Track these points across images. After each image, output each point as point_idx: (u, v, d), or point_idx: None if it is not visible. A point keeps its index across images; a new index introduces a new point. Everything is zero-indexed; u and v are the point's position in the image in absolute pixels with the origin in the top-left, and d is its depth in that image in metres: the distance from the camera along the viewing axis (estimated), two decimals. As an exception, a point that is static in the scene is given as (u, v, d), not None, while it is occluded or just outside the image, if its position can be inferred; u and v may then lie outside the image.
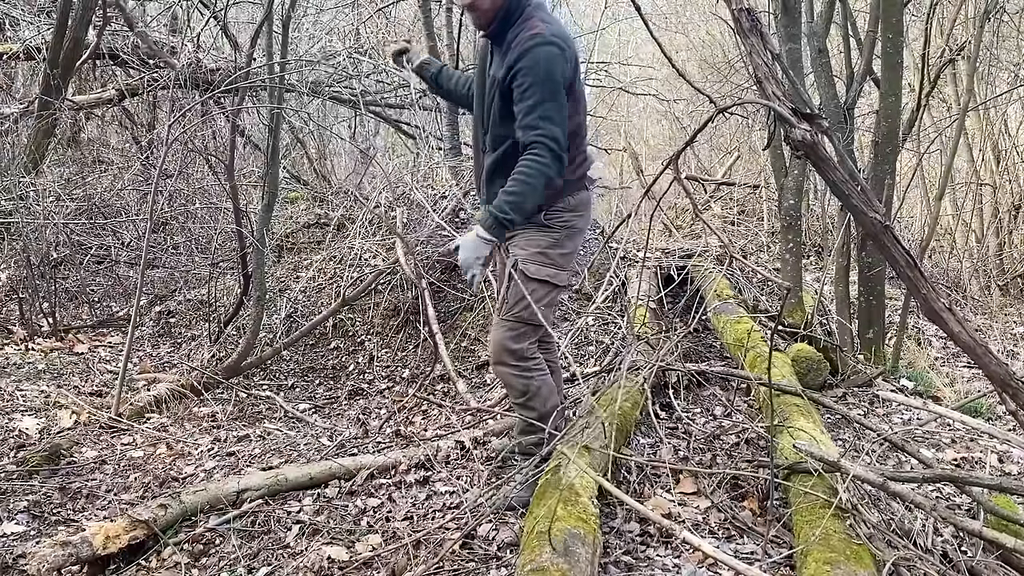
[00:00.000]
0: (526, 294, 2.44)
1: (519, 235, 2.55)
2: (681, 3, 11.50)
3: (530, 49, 2.32)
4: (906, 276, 1.94)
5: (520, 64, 2.32)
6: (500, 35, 2.43)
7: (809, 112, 1.84)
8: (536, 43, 2.32)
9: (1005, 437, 3.15)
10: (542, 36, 2.33)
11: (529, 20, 2.38)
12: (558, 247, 2.55)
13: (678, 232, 6.81)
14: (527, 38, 2.34)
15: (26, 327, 4.91)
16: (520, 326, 2.51)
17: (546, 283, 2.52)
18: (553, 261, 2.53)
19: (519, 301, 2.48)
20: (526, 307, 2.47)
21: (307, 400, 4.33)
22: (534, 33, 2.34)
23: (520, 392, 2.57)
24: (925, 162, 6.83)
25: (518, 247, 2.53)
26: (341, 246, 5.50)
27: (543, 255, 2.52)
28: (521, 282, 2.46)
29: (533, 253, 2.51)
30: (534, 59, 2.31)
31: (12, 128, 6.43)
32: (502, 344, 2.52)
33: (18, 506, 2.77)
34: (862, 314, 4.33)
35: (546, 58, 2.32)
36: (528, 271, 2.49)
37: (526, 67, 2.31)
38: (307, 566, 2.28)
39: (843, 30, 4.99)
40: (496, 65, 2.45)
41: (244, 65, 4.84)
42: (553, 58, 2.33)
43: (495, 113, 2.45)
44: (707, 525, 2.46)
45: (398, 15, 9.56)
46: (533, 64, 2.31)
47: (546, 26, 2.37)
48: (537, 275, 2.50)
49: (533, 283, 2.49)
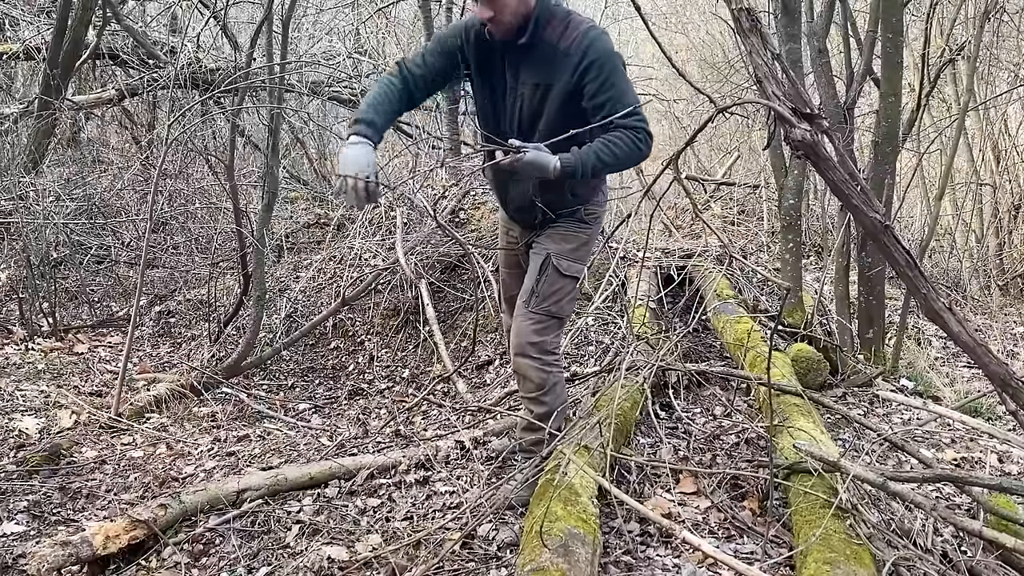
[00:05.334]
0: (557, 289, 2.48)
1: (554, 229, 2.55)
2: (681, 3, 11.49)
3: (593, 42, 2.31)
4: (906, 276, 1.94)
5: (589, 59, 2.30)
6: (535, 40, 2.37)
7: (809, 112, 1.84)
8: (596, 35, 2.33)
9: (1005, 437, 3.15)
10: (596, 27, 2.35)
11: (569, 18, 2.37)
12: (590, 243, 2.60)
13: (678, 232, 6.81)
14: (584, 31, 2.32)
15: (26, 327, 4.91)
16: (547, 319, 2.53)
17: (574, 278, 2.56)
18: (584, 257, 2.58)
19: (551, 295, 2.50)
20: (556, 302, 2.51)
21: (307, 400, 4.33)
22: (589, 27, 2.34)
23: (537, 386, 2.56)
24: (925, 162, 6.83)
25: (552, 240, 2.53)
26: (341, 246, 5.50)
27: (577, 252, 2.55)
28: (555, 277, 2.49)
29: (569, 250, 2.53)
30: (602, 50, 2.31)
31: (12, 128, 6.43)
32: (526, 336, 2.52)
33: (18, 506, 2.77)
34: (862, 314, 4.33)
35: (611, 48, 2.33)
36: (561, 267, 2.51)
37: (598, 60, 2.30)
38: (307, 566, 2.28)
39: (843, 30, 4.99)
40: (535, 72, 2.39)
41: (244, 65, 4.84)
42: (613, 47, 2.35)
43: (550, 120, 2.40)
44: (707, 525, 2.46)
45: (398, 15, 9.56)
46: (604, 55, 2.30)
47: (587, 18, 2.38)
48: (568, 271, 2.53)
49: (564, 279, 2.52)
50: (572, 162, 2.28)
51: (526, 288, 2.55)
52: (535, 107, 2.42)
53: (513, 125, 2.48)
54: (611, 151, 2.29)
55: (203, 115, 7.06)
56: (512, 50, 2.41)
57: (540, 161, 2.26)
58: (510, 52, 2.42)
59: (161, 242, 6.37)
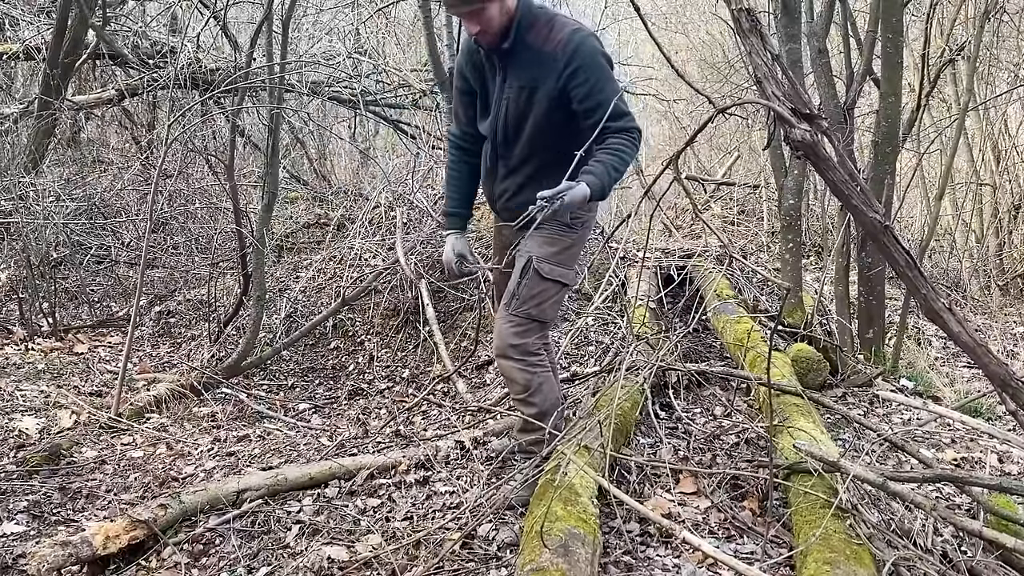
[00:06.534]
0: (538, 292, 2.47)
1: (539, 231, 2.53)
2: (681, 3, 11.50)
3: (579, 45, 2.31)
4: (906, 276, 1.94)
5: (576, 63, 2.31)
6: (517, 44, 2.39)
7: (809, 112, 1.84)
8: (582, 38, 2.33)
9: (1005, 437, 3.15)
10: (582, 29, 2.34)
11: (553, 21, 2.37)
12: (575, 247, 2.59)
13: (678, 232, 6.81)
14: (569, 35, 2.33)
15: (26, 327, 4.91)
16: (527, 322, 2.52)
17: (558, 283, 2.54)
18: (568, 262, 2.56)
19: (532, 298, 2.50)
20: (536, 305, 2.49)
21: (307, 400, 4.33)
22: (574, 29, 2.34)
23: (522, 387, 2.56)
24: (925, 162, 6.83)
25: (535, 243, 2.52)
26: (341, 246, 5.50)
27: (560, 256, 2.53)
28: (536, 280, 2.48)
29: (551, 253, 2.52)
30: (588, 53, 2.31)
31: (12, 128, 6.43)
32: (506, 338, 2.52)
33: (18, 506, 2.77)
34: (862, 314, 4.33)
35: (596, 47, 2.33)
36: (543, 271, 2.49)
37: (585, 64, 2.30)
38: (307, 566, 2.28)
39: (843, 30, 4.99)
40: (518, 75, 2.41)
41: (244, 65, 4.84)
42: (600, 49, 2.35)
43: (537, 122, 2.42)
44: (707, 525, 2.46)
45: (398, 15, 9.56)
46: (590, 59, 2.31)
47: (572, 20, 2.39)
48: (551, 275, 2.51)
49: (546, 282, 2.51)
50: (597, 184, 2.30)
51: (508, 290, 2.55)
52: (521, 109, 2.44)
53: (500, 128, 2.50)
54: (621, 159, 2.32)
55: (203, 115, 7.07)
56: (499, 55, 2.44)
57: (577, 197, 2.25)
58: (498, 57, 2.45)
59: (161, 242, 6.37)
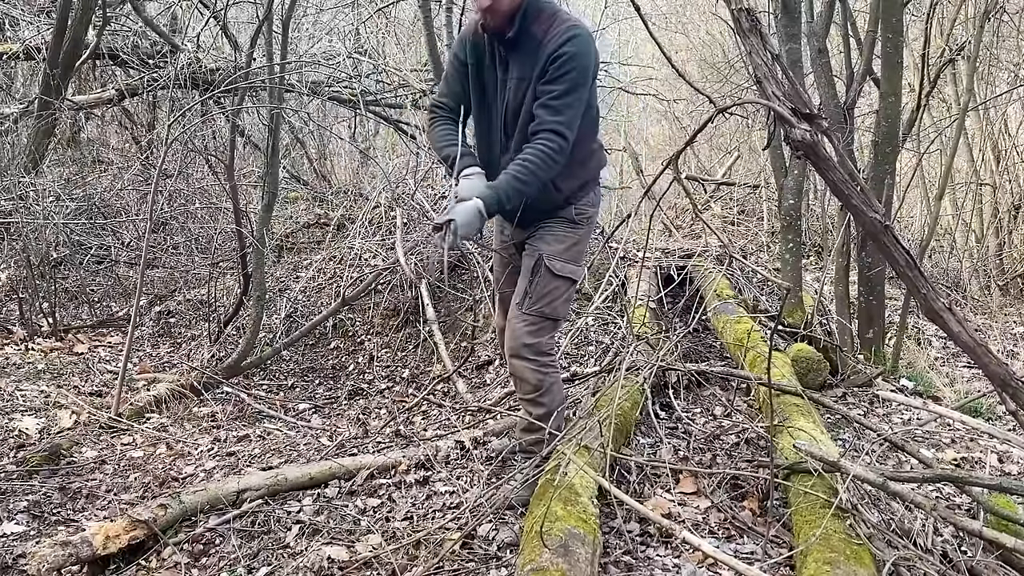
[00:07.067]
0: (550, 290, 2.48)
1: (545, 230, 2.55)
2: (681, 3, 11.49)
3: (572, 38, 2.32)
4: (906, 276, 1.94)
5: (563, 51, 2.32)
6: (521, 34, 2.40)
7: (809, 112, 1.84)
8: (577, 33, 2.34)
9: (1005, 437, 3.15)
10: (581, 28, 2.35)
11: (556, 14, 2.39)
12: (581, 242, 2.60)
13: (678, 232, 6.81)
14: (566, 29, 2.34)
15: (26, 327, 4.91)
16: (541, 321, 2.52)
17: (568, 279, 2.55)
18: (577, 258, 2.57)
19: (544, 296, 2.50)
20: (549, 302, 2.50)
21: (307, 400, 4.33)
22: (572, 24, 2.35)
23: (533, 387, 2.56)
24: (925, 162, 6.83)
25: (544, 242, 2.53)
26: (341, 246, 5.50)
27: (569, 252, 2.54)
28: (547, 278, 2.49)
29: (561, 250, 2.53)
30: (577, 48, 2.32)
31: (12, 128, 6.43)
32: (521, 338, 2.52)
33: (18, 506, 2.77)
34: (862, 314, 4.33)
35: (587, 50, 2.34)
36: (554, 268, 2.50)
37: (569, 54, 2.31)
38: (307, 566, 2.28)
39: (843, 30, 4.99)
40: (520, 66, 2.42)
41: (244, 65, 4.84)
42: (591, 51, 2.36)
43: (527, 112, 2.42)
44: (707, 525, 2.46)
45: (398, 15, 9.56)
46: (576, 53, 2.32)
47: (574, 18, 2.39)
48: (562, 272, 2.52)
49: (558, 279, 2.51)
50: (492, 197, 2.33)
51: (520, 290, 2.55)
52: (518, 102, 2.44)
53: (500, 122, 2.51)
54: (527, 169, 2.32)
55: (203, 115, 7.06)
56: (502, 45, 2.44)
57: (470, 216, 2.31)
58: (501, 47, 2.45)
59: (161, 242, 6.37)
